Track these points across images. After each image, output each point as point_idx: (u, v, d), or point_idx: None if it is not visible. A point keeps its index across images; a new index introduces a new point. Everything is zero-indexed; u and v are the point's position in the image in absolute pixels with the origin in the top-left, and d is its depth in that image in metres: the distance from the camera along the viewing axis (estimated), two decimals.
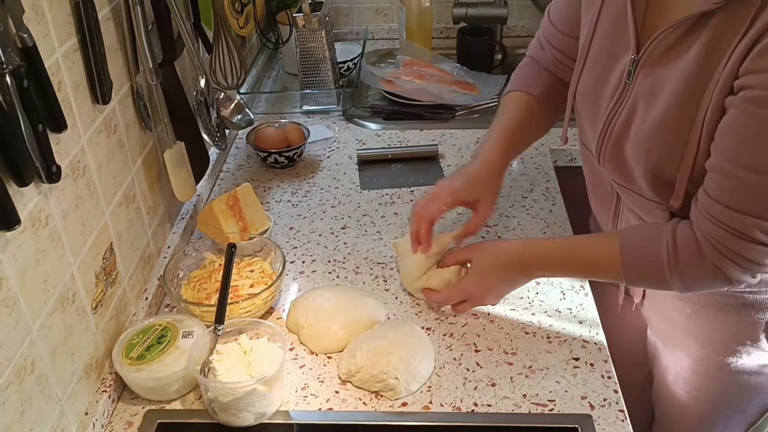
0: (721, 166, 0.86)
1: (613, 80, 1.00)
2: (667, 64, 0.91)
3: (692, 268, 0.93)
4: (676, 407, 1.22)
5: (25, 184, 0.77)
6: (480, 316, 1.14)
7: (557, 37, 1.16)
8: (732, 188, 0.86)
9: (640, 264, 0.98)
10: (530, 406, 0.99)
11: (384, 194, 1.46)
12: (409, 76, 1.80)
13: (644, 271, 0.98)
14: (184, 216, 1.35)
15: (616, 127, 1.00)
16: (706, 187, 0.89)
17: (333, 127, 1.70)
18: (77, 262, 0.93)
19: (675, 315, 1.14)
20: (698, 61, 0.86)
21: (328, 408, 1.00)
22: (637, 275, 0.99)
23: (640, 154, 0.95)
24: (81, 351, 0.94)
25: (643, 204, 1.02)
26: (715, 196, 0.88)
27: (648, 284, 1.05)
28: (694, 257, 0.92)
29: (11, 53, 0.73)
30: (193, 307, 1.09)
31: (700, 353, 1.13)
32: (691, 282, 0.95)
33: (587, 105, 1.07)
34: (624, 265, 0.98)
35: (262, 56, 1.98)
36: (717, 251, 0.90)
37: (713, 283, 0.94)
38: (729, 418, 1.18)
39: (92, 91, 0.96)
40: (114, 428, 0.99)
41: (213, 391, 0.95)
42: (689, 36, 0.88)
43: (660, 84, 0.92)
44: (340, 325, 1.09)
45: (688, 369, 1.16)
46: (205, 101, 1.32)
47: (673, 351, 1.18)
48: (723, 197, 0.87)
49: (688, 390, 1.18)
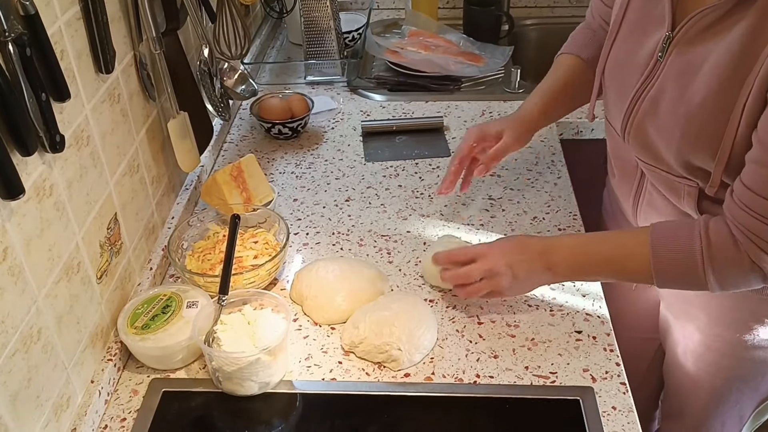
0: (760, 156, 0.83)
1: (643, 57, 0.98)
2: (703, 44, 0.88)
3: (728, 264, 0.90)
4: (688, 382, 1.23)
5: (29, 154, 0.77)
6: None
7: (600, 7, 1.17)
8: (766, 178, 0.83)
9: (672, 263, 0.94)
10: (532, 378, 1.00)
11: (388, 166, 1.46)
12: (415, 47, 1.78)
13: (677, 270, 0.94)
14: (188, 187, 1.35)
15: (643, 105, 0.97)
16: (745, 179, 0.86)
17: (337, 98, 1.69)
18: (82, 231, 0.93)
19: (690, 292, 1.11)
20: (741, 44, 0.83)
21: (331, 378, 1.01)
22: (670, 276, 0.95)
23: (673, 135, 0.93)
24: (86, 320, 0.95)
25: (669, 182, 0.99)
26: (754, 188, 0.85)
27: (681, 284, 0.99)
28: (729, 252, 0.89)
29: (13, 21, 0.73)
30: (197, 277, 1.09)
31: (714, 329, 1.12)
32: (727, 279, 0.92)
33: (615, 81, 1.05)
34: (656, 265, 0.94)
35: (266, 26, 1.96)
36: (754, 245, 0.87)
37: (749, 279, 0.91)
38: (741, 394, 1.18)
39: (95, 60, 0.96)
40: (120, 396, 1.00)
41: (217, 361, 0.96)
42: (731, 17, 0.85)
43: (695, 64, 0.90)
44: (344, 296, 1.09)
45: (701, 344, 1.16)
46: (208, 71, 1.31)
47: (686, 326, 1.18)
48: (759, 187, 0.84)
49: (701, 365, 1.18)
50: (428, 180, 1.41)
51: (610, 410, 0.94)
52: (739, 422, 1.23)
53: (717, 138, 0.88)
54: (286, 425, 0.97)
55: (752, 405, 1.20)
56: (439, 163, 1.46)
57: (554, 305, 1.11)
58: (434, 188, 1.38)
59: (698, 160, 0.92)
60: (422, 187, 1.39)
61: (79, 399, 0.94)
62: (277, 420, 0.98)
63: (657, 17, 0.95)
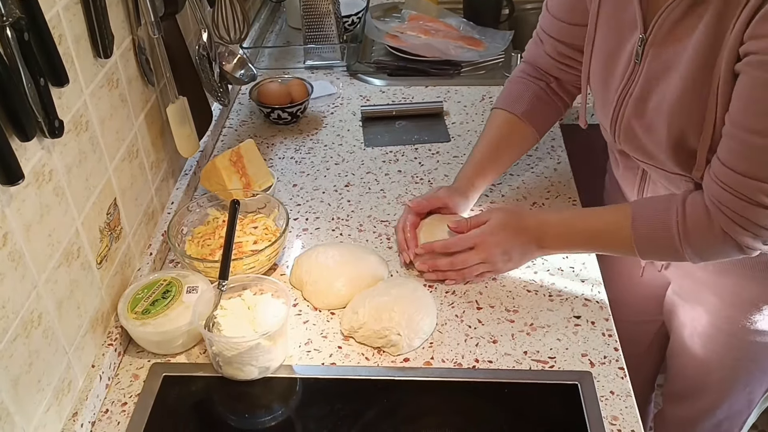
0: (729, 131, 0.87)
1: (622, 61, 1.00)
2: (677, 40, 0.91)
3: (701, 235, 0.94)
4: (696, 364, 1.23)
5: (28, 139, 0.77)
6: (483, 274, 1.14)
7: (558, 26, 1.16)
8: (739, 152, 0.87)
9: (651, 235, 0.98)
10: (531, 362, 1.00)
11: (388, 151, 1.45)
12: (415, 31, 1.78)
13: (656, 242, 0.98)
14: (187, 172, 1.35)
15: (628, 107, 1.00)
16: (718, 153, 0.90)
17: (337, 83, 1.69)
18: (81, 217, 0.93)
19: (699, 272, 1.14)
20: (708, 33, 0.86)
21: (331, 363, 1.01)
22: (649, 247, 1.00)
23: (660, 133, 0.96)
24: (87, 305, 0.95)
25: (667, 177, 1.02)
26: (724, 160, 0.88)
27: (661, 255, 1.05)
28: (702, 224, 0.93)
29: (11, 5, 0.72)
30: (197, 262, 1.10)
31: (724, 311, 1.13)
32: (702, 249, 0.96)
33: (599, 86, 1.07)
34: (636, 238, 0.99)
35: (265, 10, 1.95)
36: (725, 216, 0.90)
37: (724, 249, 0.94)
38: (751, 376, 1.19)
39: (93, 45, 0.95)
40: (120, 381, 1.00)
41: (217, 346, 0.97)
42: (696, 10, 0.88)
43: (673, 61, 0.92)
44: (344, 281, 1.09)
45: (710, 326, 1.17)
46: (207, 56, 1.31)
47: (695, 308, 1.19)
48: (730, 161, 0.88)
49: (711, 347, 1.19)
50: (428, 165, 1.41)
51: (608, 395, 0.95)
52: (748, 406, 1.24)
53: (701, 124, 0.91)
54: (286, 409, 0.97)
55: (762, 388, 1.21)
56: (438, 148, 1.45)
57: (553, 290, 1.11)
58: (434, 173, 1.38)
59: (688, 149, 0.94)
60: (422, 173, 1.39)
61: (80, 383, 0.94)
62: (277, 404, 0.98)
63: (629, 21, 0.97)
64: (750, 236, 0.91)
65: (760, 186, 0.86)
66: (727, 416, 1.27)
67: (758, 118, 0.83)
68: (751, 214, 0.88)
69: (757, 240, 0.91)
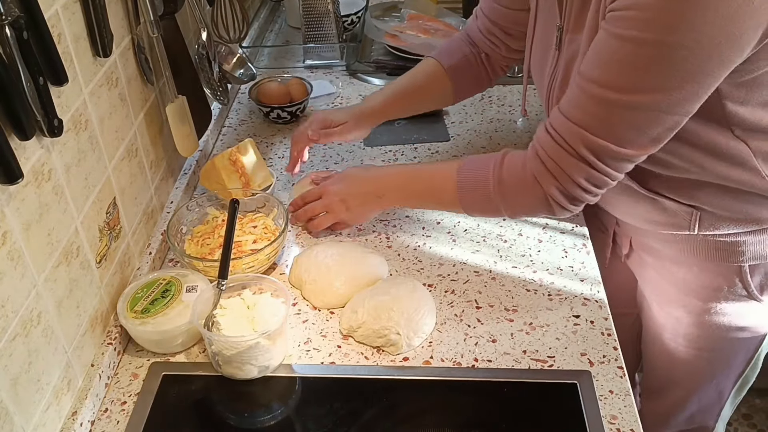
0: (574, 80, 0.90)
1: (550, 51, 1.04)
2: (582, 25, 0.94)
3: (513, 183, 0.97)
4: (664, 357, 1.25)
5: (27, 138, 0.77)
6: (482, 273, 1.15)
7: (490, 6, 1.22)
8: (576, 100, 0.89)
9: (471, 186, 1.02)
10: (530, 362, 1.00)
11: (387, 151, 1.45)
12: (414, 31, 1.77)
13: (474, 192, 1.02)
14: (186, 171, 1.35)
15: (555, 93, 1.03)
16: (560, 102, 0.92)
17: (336, 83, 1.69)
18: (81, 216, 0.93)
19: (655, 261, 1.16)
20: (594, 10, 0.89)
21: (330, 362, 1.01)
22: (469, 199, 1.03)
23: None
24: (86, 304, 0.95)
25: None
26: (561, 108, 0.91)
27: (480, 208, 1.06)
28: (516, 171, 0.96)
29: (10, 4, 0.72)
30: (196, 262, 1.10)
31: (682, 301, 1.15)
32: (513, 199, 0.99)
33: (536, 78, 1.12)
34: (459, 190, 1.02)
35: (264, 9, 1.95)
36: (540, 162, 0.93)
37: (532, 202, 0.97)
38: (716, 367, 1.20)
39: (93, 44, 0.95)
40: (120, 380, 1.00)
41: (217, 345, 0.97)
42: None
43: (579, 45, 0.95)
44: (343, 281, 1.09)
45: (671, 318, 1.19)
46: (207, 55, 1.31)
47: (657, 299, 1.21)
48: (566, 109, 0.90)
49: (675, 340, 1.20)
50: None
51: (607, 394, 0.95)
52: (719, 399, 1.25)
53: None
54: (286, 409, 0.97)
55: (730, 380, 1.22)
56: (438, 147, 1.45)
57: (552, 290, 1.11)
58: None
59: None
60: None
61: (79, 383, 0.94)
62: (276, 403, 0.98)
63: (553, 14, 1.02)
64: (557, 187, 0.93)
65: (585, 135, 0.88)
66: (699, 409, 1.28)
67: (601, 69, 0.85)
68: (565, 164, 0.90)
69: (563, 196, 0.93)
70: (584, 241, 1.20)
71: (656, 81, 0.81)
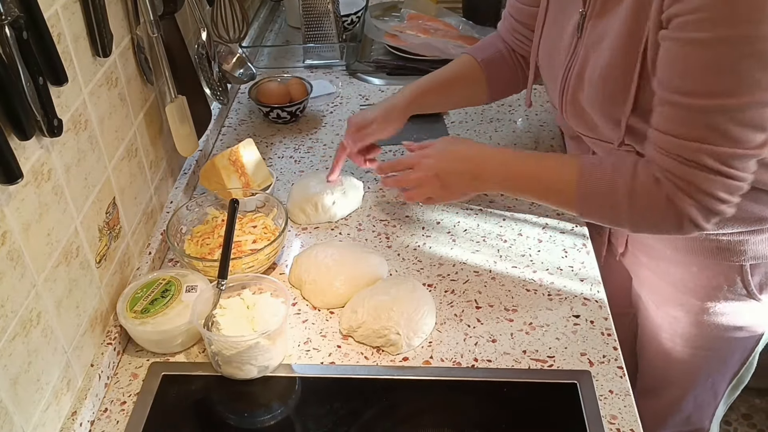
0: (662, 97, 0.88)
1: (567, 38, 1.03)
2: (610, 11, 0.94)
3: (645, 200, 0.93)
4: (659, 357, 1.25)
5: (27, 138, 0.77)
6: (482, 273, 1.15)
7: (515, 6, 1.22)
8: (673, 117, 0.87)
9: (594, 190, 0.98)
10: (530, 362, 1.00)
11: (387, 151, 1.45)
12: (414, 31, 1.77)
13: (598, 197, 0.97)
14: (186, 171, 1.35)
15: (572, 81, 1.02)
16: (654, 122, 0.90)
17: (336, 82, 1.69)
18: (80, 216, 0.93)
19: (651, 262, 1.16)
20: (634, 1, 0.88)
21: (330, 362, 1.01)
22: (590, 202, 0.99)
23: (597, 99, 0.97)
24: (86, 304, 0.95)
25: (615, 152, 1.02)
26: (661, 128, 0.89)
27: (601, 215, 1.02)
28: (649, 187, 0.92)
29: (10, 4, 0.72)
30: (196, 262, 1.10)
31: (678, 300, 1.15)
32: (642, 215, 0.95)
33: (547, 65, 1.11)
34: (579, 189, 0.98)
35: (264, 9, 1.95)
36: (672, 183, 0.90)
37: (663, 221, 0.93)
38: (712, 366, 1.20)
39: (92, 44, 0.95)
40: (119, 380, 1.00)
41: (216, 345, 0.97)
42: None
43: (605, 32, 0.95)
44: (343, 281, 1.09)
45: (668, 317, 1.19)
46: (206, 55, 1.31)
47: (654, 298, 1.21)
48: (667, 127, 0.88)
49: (671, 339, 1.20)
50: None
51: (607, 394, 0.95)
52: (714, 398, 1.25)
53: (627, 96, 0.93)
54: (285, 409, 0.97)
55: (725, 379, 1.22)
56: None
57: (552, 290, 1.11)
58: None
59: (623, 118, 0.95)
60: None
61: (79, 382, 0.94)
62: (276, 403, 0.98)
63: (574, 0, 1.01)
64: (694, 206, 0.89)
65: (700, 147, 0.85)
66: (695, 409, 1.28)
67: (687, 79, 0.84)
68: (699, 180, 0.87)
69: (699, 214, 0.90)
70: (584, 241, 1.20)
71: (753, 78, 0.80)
